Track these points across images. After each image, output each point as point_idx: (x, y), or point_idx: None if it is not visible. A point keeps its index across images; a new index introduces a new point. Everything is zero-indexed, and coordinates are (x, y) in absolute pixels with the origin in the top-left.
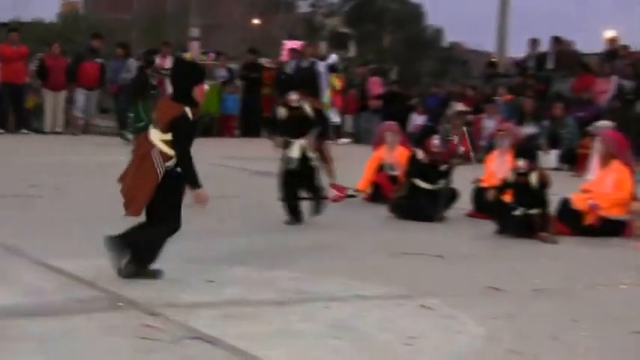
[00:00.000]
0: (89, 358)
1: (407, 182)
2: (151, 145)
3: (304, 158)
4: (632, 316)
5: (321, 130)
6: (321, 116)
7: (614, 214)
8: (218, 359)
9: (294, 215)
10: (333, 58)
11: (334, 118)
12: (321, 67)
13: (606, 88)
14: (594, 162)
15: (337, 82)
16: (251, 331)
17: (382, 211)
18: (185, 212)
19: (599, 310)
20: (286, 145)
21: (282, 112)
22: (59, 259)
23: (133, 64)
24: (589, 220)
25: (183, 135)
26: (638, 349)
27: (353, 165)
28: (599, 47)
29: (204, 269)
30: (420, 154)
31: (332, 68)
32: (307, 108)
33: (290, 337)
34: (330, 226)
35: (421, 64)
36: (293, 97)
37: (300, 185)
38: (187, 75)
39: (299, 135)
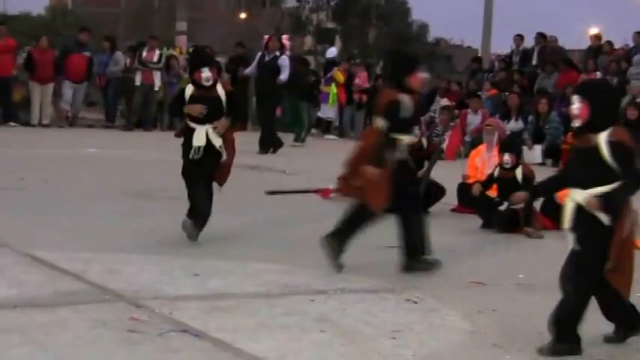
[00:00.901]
0: (75, 351)
1: None
2: (378, 135)
3: (209, 147)
4: None
5: (233, 117)
6: (233, 101)
7: None
8: (203, 352)
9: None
10: (333, 51)
11: (329, 113)
12: (284, 61)
13: None
14: None
15: (340, 76)
16: (236, 323)
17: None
18: (170, 207)
19: None
20: (188, 132)
21: (188, 91)
22: (45, 252)
23: (120, 57)
24: None
25: (390, 119)
26: (621, 343)
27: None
28: (584, 44)
29: (189, 262)
30: None
31: (333, 62)
32: (219, 89)
33: (274, 330)
34: (315, 220)
35: None
36: (204, 74)
37: (203, 178)
38: (400, 65)
39: (206, 120)
